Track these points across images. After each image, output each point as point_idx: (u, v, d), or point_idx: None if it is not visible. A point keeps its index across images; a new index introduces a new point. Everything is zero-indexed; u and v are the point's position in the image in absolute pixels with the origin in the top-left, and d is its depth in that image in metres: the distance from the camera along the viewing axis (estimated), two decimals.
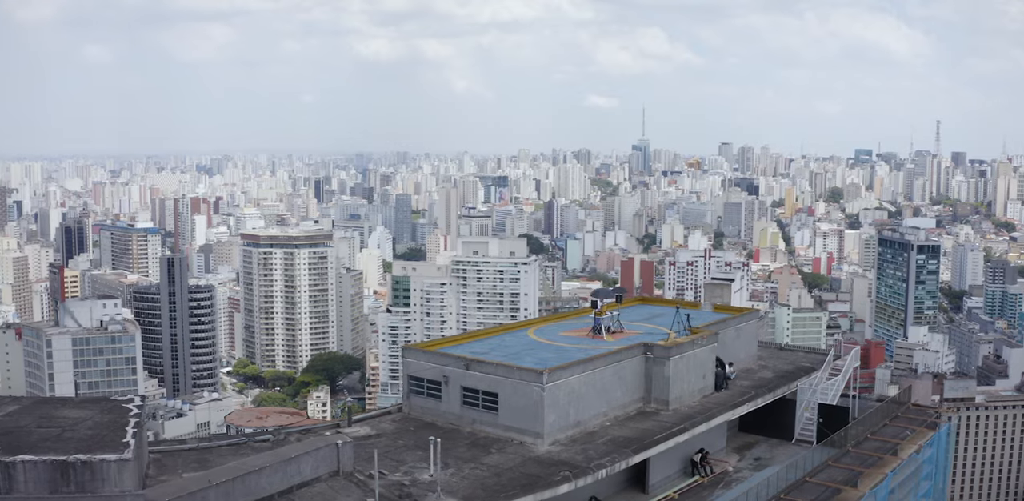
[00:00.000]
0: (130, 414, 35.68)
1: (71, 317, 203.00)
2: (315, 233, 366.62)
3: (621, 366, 44.59)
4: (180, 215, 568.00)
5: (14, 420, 35.01)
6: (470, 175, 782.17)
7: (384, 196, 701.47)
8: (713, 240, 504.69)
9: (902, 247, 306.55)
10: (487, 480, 36.40)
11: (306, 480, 35.07)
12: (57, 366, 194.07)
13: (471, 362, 42.75)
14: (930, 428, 55.96)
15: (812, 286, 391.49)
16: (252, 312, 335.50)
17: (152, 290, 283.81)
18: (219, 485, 32.44)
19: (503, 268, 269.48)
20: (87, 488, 31.11)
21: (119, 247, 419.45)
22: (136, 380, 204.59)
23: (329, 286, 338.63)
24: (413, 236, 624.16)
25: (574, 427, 41.82)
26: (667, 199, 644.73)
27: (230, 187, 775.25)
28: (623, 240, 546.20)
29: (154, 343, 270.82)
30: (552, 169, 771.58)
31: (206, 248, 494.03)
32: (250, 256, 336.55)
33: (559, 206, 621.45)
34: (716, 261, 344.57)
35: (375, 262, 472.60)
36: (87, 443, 32.51)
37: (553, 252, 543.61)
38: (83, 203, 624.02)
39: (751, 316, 57.57)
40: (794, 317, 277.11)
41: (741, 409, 47.61)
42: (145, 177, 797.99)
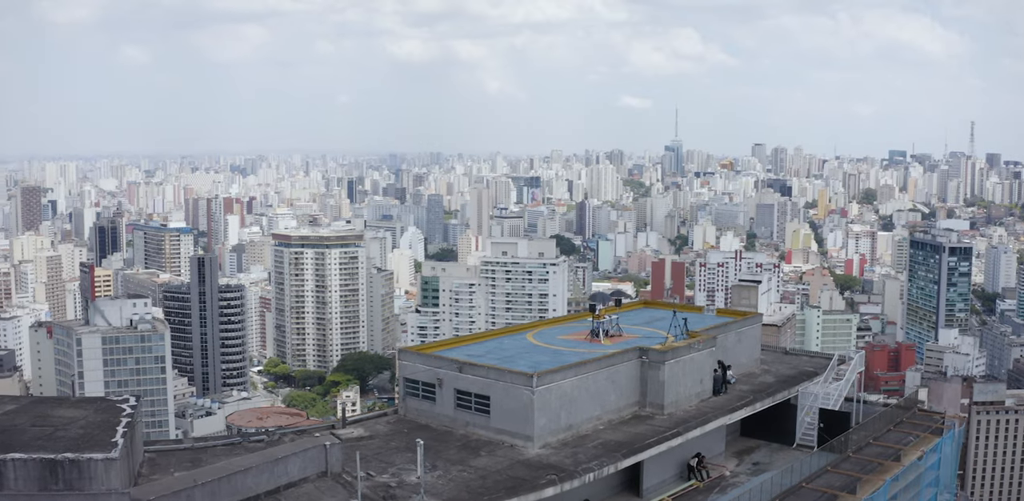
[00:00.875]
0: (123, 414, 36.32)
1: (101, 316, 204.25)
2: (346, 233, 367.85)
3: (615, 370, 44.70)
4: (213, 215, 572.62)
5: (10, 419, 35.73)
6: (502, 176, 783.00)
7: (416, 196, 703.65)
8: (745, 241, 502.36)
9: (934, 249, 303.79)
10: (472, 482, 36.69)
11: (293, 480, 35.51)
12: (87, 365, 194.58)
13: (464, 365, 43.07)
14: (936, 434, 55.62)
15: (844, 288, 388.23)
16: (283, 312, 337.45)
17: (183, 290, 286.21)
18: (204, 484, 32.93)
19: (532, 269, 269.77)
20: (75, 486, 31.76)
21: (152, 247, 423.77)
22: (165, 379, 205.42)
23: (360, 286, 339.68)
24: (445, 236, 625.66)
25: (566, 430, 41.99)
26: (699, 200, 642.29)
27: (264, 187, 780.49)
28: (655, 241, 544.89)
29: (184, 342, 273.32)
30: (585, 170, 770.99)
31: (239, 248, 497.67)
32: (281, 256, 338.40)
33: (591, 207, 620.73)
34: (747, 262, 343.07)
35: (406, 262, 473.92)
36: (77, 442, 33.15)
37: (584, 253, 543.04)
38: (117, 203, 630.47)
39: (754, 320, 57.41)
40: (824, 319, 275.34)
41: (737, 414, 47.54)
42: (179, 177, 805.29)
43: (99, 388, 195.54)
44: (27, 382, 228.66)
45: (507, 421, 41.25)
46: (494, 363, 43.91)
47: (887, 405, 60.72)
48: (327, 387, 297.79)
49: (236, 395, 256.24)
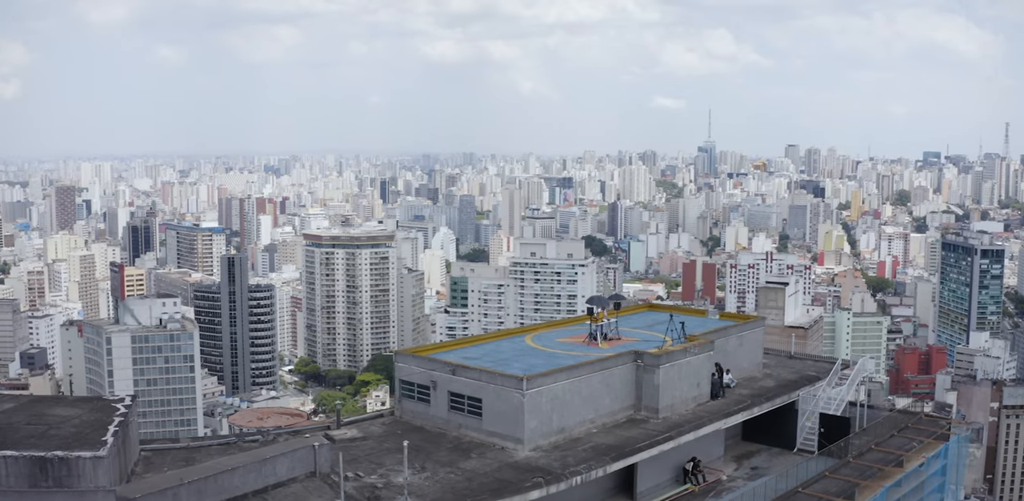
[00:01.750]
0: (116, 414, 37.02)
1: (131, 315, 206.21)
2: (377, 233, 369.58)
3: (609, 373, 44.80)
4: (246, 215, 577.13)
5: (6, 417, 36.57)
6: (535, 176, 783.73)
7: (449, 197, 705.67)
8: (778, 243, 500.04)
9: (965, 251, 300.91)
10: (458, 484, 37.00)
11: (281, 480, 35.93)
12: (116, 363, 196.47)
13: (457, 368, 43.38)
14: (941, 440, 55.27)
15: (876, 290, 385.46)
16: (314, 311, 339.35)
17: (213, 289, 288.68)
18: (191, 483, 33.40)
19: (560, 270, 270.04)
20: (64, 483, 32.52)
21: (184, 246, 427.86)
22: (194, 378, 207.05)
23: (390, 286, 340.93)
24: (477, 237, 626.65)
25: (557, 433, 42.16)
26: (732, 201, 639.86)
27: (297, 187, 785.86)
28: (687, 242, 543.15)
29: (214, 341, 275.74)
30: (617, 170, 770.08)
31: (271, 248, 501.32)
32: (312, 256, 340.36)
33: (623, 208, 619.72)
34: (778, 264, 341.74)
35: (438, 263, 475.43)
36: (68, 440, 33.93)
37: (616, 254, 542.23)
38: (151, 202, 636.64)
39: (756, 324, 57.26)
40: (854, 321, 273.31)
41: (733, 418, 47.47)
42: (213, 177, 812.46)
43: (128, 386, 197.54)
44: (58, 380, 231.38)
45: (498, 423, 41.53)
46: (488, 366, 44.16)
47: (893, 410, 60.50)
48: (357, 387, 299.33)
49: (265, 394, 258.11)
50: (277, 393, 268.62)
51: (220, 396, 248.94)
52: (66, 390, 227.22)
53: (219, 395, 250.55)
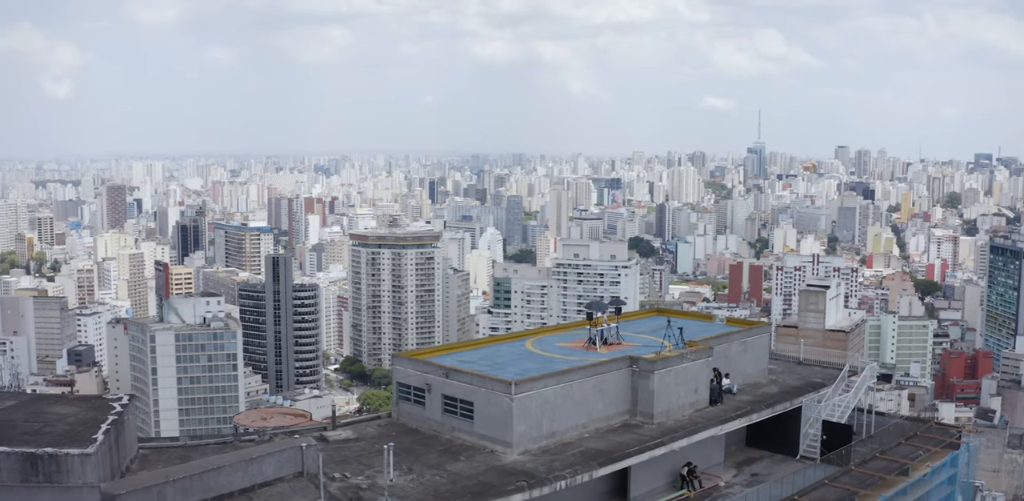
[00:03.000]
0: (112, 412, 38.00)
1: (175, 314, 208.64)
2: (423, 234, 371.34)
3: (603, 378, 45.05)
4: (294, 215, 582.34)
5: (6, 414, 37.71)
6: (583, 177, 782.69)
7: (497, 197, 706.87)
8: (826, 245, 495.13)
9: (1014, 254, 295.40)
10: (441, 487, 37.53)
11: (268, 480, 36.76)
12: (160, 361, 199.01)
13: (450, 371, 43.96)
14: (950, 449, 54.75)
15: (925, 293, 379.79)
16: (360, 311, 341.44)
17: (258, 288, 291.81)
18: (176, 481, 34.34)
19: (603, 271, 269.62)
20: (53, 479, 33.51)
21: (232, 245, 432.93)
22: (236, 376, 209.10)
23: (436, 286, 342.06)
24: (524, 237, 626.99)
25: (548, 438, 42.53)
26: (781, 203, 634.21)
27: (346, 187, 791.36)
28: (734, 244, 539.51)
29: (258, 340, 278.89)
30: (666, 171, 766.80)
31: (318, 247, 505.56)
32: (359, 256, 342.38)
33: (671, 209, 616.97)
34: (824, 266, 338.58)
35: (484, 263, 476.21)
36: (60, 438, 34.93)
37: (663, 255, 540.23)
38: (201, 202, 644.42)
39: (761, 330, 57.14)
40: (900, 325, 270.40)
41: (729, 425, 47.44)
42: (263, 177, 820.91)
43: (172, 384, 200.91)
44: (104, 377, 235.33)
45: (489, 427, 42.03)
46: (483, 370, 44.67)
47: (906, 418, 60.02)
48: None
49: (308, 393, 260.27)
50: (320, 392, 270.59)
51: (264, 394, 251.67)
52: (112, 387, 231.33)
53: (263, 393, 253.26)
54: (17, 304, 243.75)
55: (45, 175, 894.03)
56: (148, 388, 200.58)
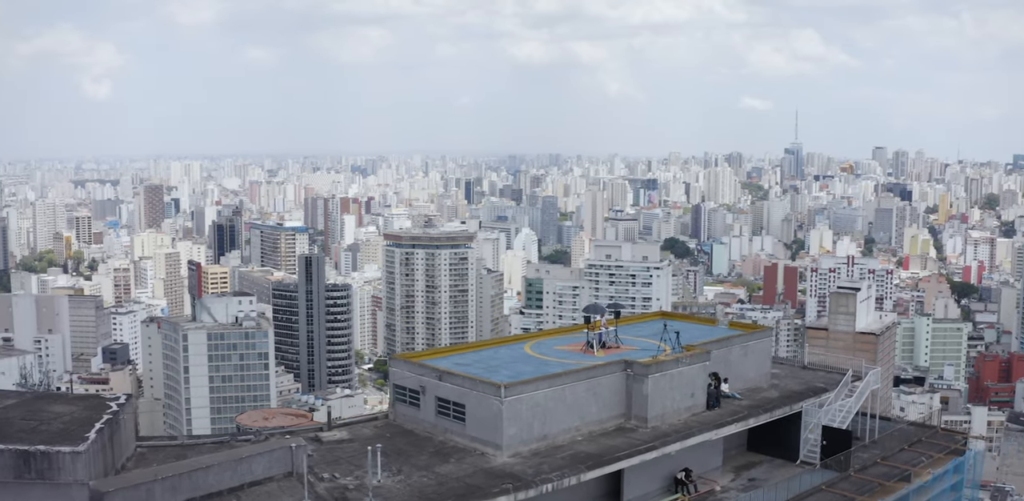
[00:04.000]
0: (108, 411, 38.81)
1: (208, 313, 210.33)
2: (457, 234, 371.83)
3: (596, 382, 45.25)
4: (330, 214, 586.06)
5: (5, 412, 38.62)
6: (619, 177, 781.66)
7: (532, 198, 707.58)
8: (863, 246, 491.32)
9: None
10: (427, 488, 37.97)
11: (257, 479, 37.38)
12: (192, 360, 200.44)
13: (443, 374, 44.38)
14: (954, 455, 54.34)
15: (961, 295, 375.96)
16: (394, 311, 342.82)
17: (291, 288, 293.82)
18: (165, 479, 35.06)
19: (635, 272, 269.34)
20: (45, 476, 34.36)
21: (268, 245, 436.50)
22: (268, 375, 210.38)
23: (469, 287, 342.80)
24: (559, 238, 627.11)
25: (539, 441, 42.81)
26: (818, 204, 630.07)
27: (383, 187, 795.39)
28: (770, 245, 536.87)
29: (291, 339, 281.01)
30: (702, 172, 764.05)
31: (354, 247, 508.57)
32: (393, 256, 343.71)
33: (706, 210, 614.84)
34: (859, 268, 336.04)
35: (519, 263, 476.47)
36: (54, 436, 35.77)
37: (698, 256, 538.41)
38: (239, 201, 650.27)
39: (763, 334, 57.05)
40: (934, 328, 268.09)
41: (725, 430, 47.42)
42: (301, 177, 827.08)
43: (204, 383, 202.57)
44: (139, 376, 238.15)
45: (480, 429, 42.43)
46: (477, 372, 45.07)
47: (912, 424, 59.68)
48: None
49: (340, 392, 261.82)
50: (352, 391, 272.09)
51: (296, 393, 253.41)
52: (146, 386, 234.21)
53: (295, 392, 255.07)
54: (52, 302, 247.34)
55: (84, 175, 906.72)
56: (180, 386, 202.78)
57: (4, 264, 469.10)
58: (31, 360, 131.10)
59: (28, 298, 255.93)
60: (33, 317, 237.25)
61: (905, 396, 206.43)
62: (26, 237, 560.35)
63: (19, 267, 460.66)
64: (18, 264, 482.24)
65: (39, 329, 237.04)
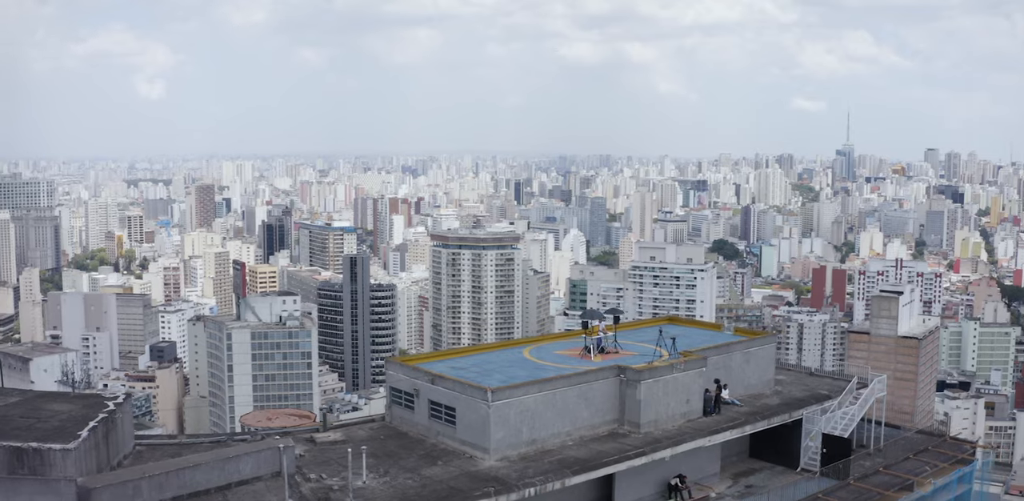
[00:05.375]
0: (104, 410, 39.94)
1: (252, 312, 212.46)
2: (503, 235, 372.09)
3: (589, 387, 45.55)
4: (379, 215, 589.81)
5: (6, 410, 39.89)
6: (669, 179, 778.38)
7: (581, 199, 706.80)
8: (914, 249, 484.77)
9: None
10: (410, 490, 38.60)
11: (245, 479, 38.28)
12: (236, 358, 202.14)
13: (435, 377, 45.00)
14: (960, 465, 53.79)
15: (1012, 299, 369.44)
16: (440, 311, 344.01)
17: (336, 287, 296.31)
18: (152, 477, 36.08)
19: (679, 274, 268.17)
20: (37, 472, 35.44)
21: (316, 245, 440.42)
22: (311, 374, 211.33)
23: (515, 287, 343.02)
24: (607, 239, 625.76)
25: (528, 445, 43.22)
26: (868, 206, 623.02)
27: (433, 187, 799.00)
28: (820, 247, 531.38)
29: (335, 339, 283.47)
30: (753, 173, 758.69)
31: (402, 247, 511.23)
32: (439, 256, 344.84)
33: (756, 211, 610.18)
34: (908, 271, 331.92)
35: (566, 265, 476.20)
36: (48, 433, 36.89)
37: (747, 258, 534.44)
38: (289, 201, 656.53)
39: (766, 341, 56.86)
40: (981, 332, 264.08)
41: (720, 436, 47.42)
42: (351, 177, 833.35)
43: (247, 381, 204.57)
44: (185, 374, 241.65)
45: (469, 433, 42.99)
46: (471, 376, 45.64)
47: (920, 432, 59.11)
48: None
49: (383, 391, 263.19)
50: None
51: (340, 393, 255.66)
52: (192, 384, 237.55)
53: (339, 392, 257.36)
54: (100, 301, 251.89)
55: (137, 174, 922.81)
56: (224, 385, 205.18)
57: (56, 263, 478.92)
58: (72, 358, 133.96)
59: (77, 296, 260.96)
60: (81, 315, 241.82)
61: (949, 401, 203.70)
62: (78, 236, 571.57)
63: (71, 265, 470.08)
64: (70, 263, 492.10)
65: (87, 327, 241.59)
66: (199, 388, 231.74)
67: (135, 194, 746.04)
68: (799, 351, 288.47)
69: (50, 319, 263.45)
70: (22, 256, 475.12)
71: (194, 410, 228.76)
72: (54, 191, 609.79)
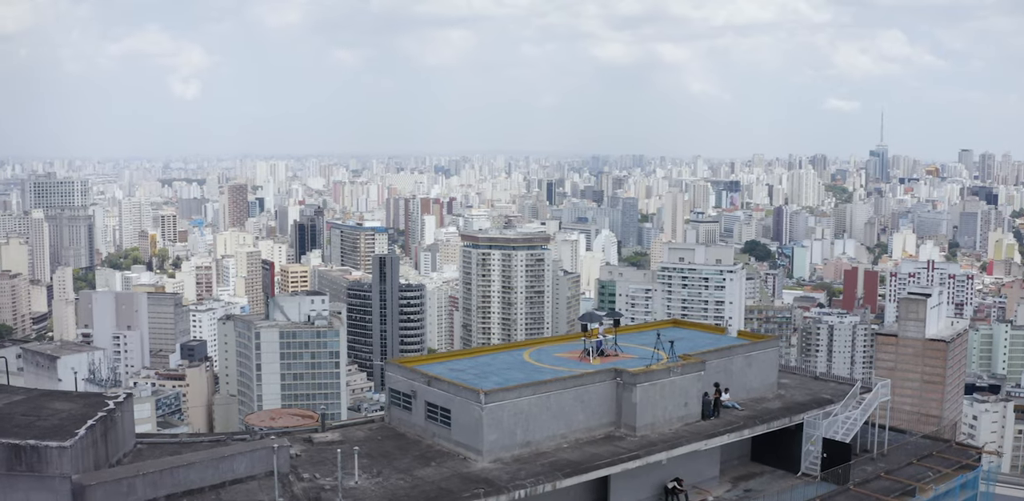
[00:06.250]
0: (104, 408, 40.71)
1: (280, 312, 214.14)
2: (533, 235, 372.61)
3: (584, 390, 45.77)
4: (411, 215, 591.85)
5: (9, 408, 40.76)
6: (701, 179, 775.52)
7: (613, 199, 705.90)
8: (947, 251, 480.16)
9: None
10: (400, 491, 39.01)
11: (239, 477, 38.94)
12: (264, 358, 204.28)
13: (432, 379, 45.42)
14: (964, 470, 53.45)
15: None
16: (470, 311, 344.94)
17: (365, 287, 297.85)
18: (146, 475, 36.80)
19: (708, 275, 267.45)
20: (34, 469, 36.25)
21: (348, 245, 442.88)
22: (339, 373, 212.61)
23: (545, 288, 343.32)
24: (639, 240, 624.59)
25: (522, 447, 43.48)
26: (902, 207, 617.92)
27: (465, 188, 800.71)
28: (852, 249, 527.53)
29: (365, 338, 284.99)
30: (786, 174, 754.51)
31: (433, 247, 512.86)
32: (469, 257, 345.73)
33: (788, 212, 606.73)
34: (940, 273, 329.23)
35: (597, 265, 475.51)
36: (46, 431, 37.68)
37: (779, 259, 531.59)
38: (322, 201, 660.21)
39: (769, 344, 56.76)
40: (1012, 334, 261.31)
41: (717, 439, 47.43)
42: (384, 177, 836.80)
43: (275, 380, 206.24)
44: (216, 372, 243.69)
45: (463, 434, 43.36)
46: (468, 378, 46.01)
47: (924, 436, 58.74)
48: None
49: None
50: None
51: (368, 392, 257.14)
52: (222, 382, 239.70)
53: (367, 391, 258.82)
54: (131, 300, 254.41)
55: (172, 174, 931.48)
56: (252, 383, 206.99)
57: (90, 261, 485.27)
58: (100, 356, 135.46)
59: (108, 295, 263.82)
60: (112, 314, 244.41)
61: (978, 404, 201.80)
62: (112, 235, 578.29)
63: (104, 264, 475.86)
64: (104, 261, 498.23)
65: (118, 325, 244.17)
66: (228, 386, 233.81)
67: (169, 194, 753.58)
68: (829, 353, 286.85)
69: (82, 317, 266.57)
70: (56, 255, 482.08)
71: (223, 408, 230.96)
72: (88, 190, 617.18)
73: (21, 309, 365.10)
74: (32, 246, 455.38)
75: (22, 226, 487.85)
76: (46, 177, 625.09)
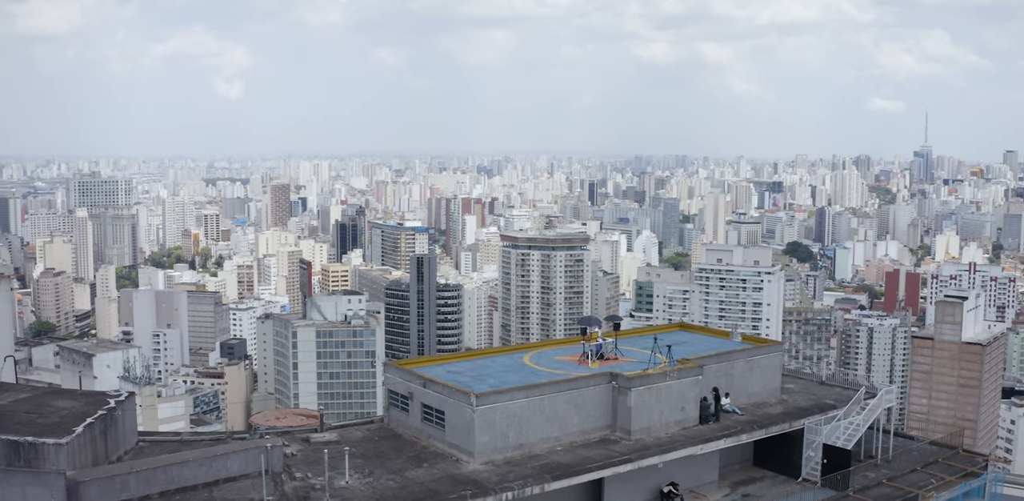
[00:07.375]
0: (105, 407, 41.75)
1: (318, 311, 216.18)
2: (573, 236, 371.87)
3: (579, 393, 46.07)
4: (452, 215, 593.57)
5: (14, 406, 41.96)
6: (744, 180, 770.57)
7: (655, 200, 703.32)
8: (991, 253, 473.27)
9: None
10: (388, 491, 39.63)
11: (233, 476, 39.80)
12: (301, 356, 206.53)
13: (427, 381, 46.04)
14: (969, 478, 53.05)
15: None
16: (509, 311, 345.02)
17: (403, 287, 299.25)
18: (139, 472, 37.78)
19: (746, 277, 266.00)
20: (32, 465, 37.38)
21: (388, 244, 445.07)
22: (375, 373, 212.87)
23: (584, 288, 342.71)
24: (680, 241, 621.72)
25: (515, 449, 43.90)
26: (946, 209, 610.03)
27: (507, 188, 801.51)
28: (895, 250, 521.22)
29: (402, 337, 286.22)
30: (829, 175, 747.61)
31: (473, 247, 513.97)
32: (509, 257, 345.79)
33: (831, 213, 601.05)
34: (981, 275, 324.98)
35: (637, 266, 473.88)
36: (46, 428, 38.78)
37: (821, 261, 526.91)
38: (364, 201, 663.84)
39: (772, 349, 56.67)
40: None
41: (712, 444, 47.56)
42: (427, 177, 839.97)
43: (312, 379, 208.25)
44: (255, 370, 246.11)
45: (456, 436, 43.92)
46: (465, 381, 46.60)
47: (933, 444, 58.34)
48: None
49: None
50: None
51: None
52: (260, 380, 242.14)
53: None
54: (172, 298, 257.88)
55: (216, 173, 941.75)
56: (289, 382, 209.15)
57: (134, 260, 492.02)
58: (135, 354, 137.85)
59: (148, 293, 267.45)
60: (152, 312, 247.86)
61: (1016, 408, 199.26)
62: (156, 234, 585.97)
63: (148, 263, 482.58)
64: (147, 260, 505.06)
65: (158, 323, 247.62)
66: (266, 385, 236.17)
67: (213, 193, 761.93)
68: (869, 355, 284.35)
69: (124, 315, 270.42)
70: (100, 253, 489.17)
71: (261, 406, 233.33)
72: (132, 189, 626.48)
73: (65, 307, 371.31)
74: (76, 244, 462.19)
75: (67, 225, 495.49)
76: (91, 176, 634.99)
